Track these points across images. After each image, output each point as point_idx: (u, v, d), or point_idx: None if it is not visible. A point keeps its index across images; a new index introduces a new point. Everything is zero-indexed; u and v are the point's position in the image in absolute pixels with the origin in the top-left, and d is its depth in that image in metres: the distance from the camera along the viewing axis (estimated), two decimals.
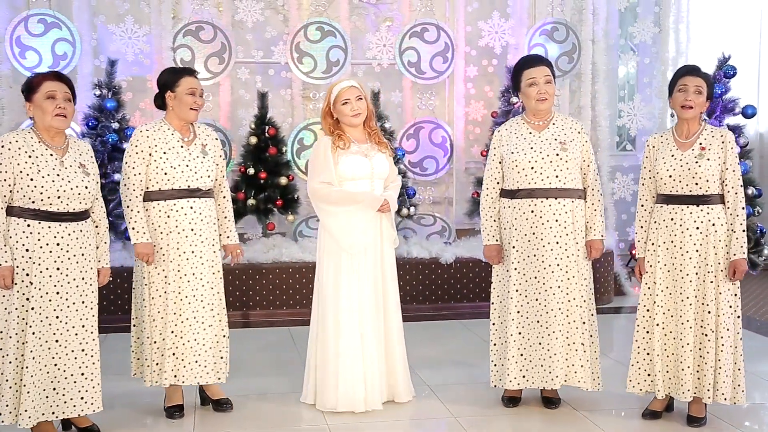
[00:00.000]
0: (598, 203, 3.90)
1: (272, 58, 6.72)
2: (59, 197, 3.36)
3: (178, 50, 6.40)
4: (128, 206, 3.76)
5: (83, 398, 3.48)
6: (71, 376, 3.45)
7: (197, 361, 3.81)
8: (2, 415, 3.31)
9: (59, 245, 3.38)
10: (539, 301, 3.82)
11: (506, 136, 3.92)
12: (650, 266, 3.74)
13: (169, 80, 3.82)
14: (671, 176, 3.64)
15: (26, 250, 3.34)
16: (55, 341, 3.40)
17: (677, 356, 3.67)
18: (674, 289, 3.68)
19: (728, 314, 3.63)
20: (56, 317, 3.39)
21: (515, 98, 5.99)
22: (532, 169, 3.80)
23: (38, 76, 3.47)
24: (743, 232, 3.62)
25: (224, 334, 3.93)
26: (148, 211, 3.78)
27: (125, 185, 3.77)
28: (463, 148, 7.20)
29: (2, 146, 3.34)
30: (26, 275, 3.34)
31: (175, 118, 3.84)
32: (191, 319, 3.80)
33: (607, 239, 6.39)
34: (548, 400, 3.96)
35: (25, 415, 3.32)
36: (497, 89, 7.02)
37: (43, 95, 3.39)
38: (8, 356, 3.31)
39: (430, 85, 7.00)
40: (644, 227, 3.80)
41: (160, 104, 3.89)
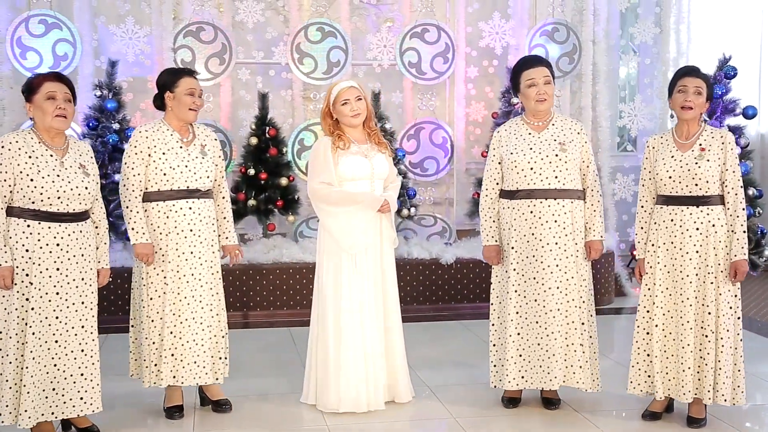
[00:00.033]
0: (597, 204, 3.90)
1: (273, 58, 6.72)
2: (59, 198, 3.36)
3: (178, 51, 6.41)
4: (127, 206, 3.76)
5: (82, 398, 3.48)
6: (71, 376, 3.45)
7: (195, 361, 3.81)
8: (2, 415, 3.31)
9: (59, 246, 3.38)
10: (538, 301, 3.82)
11: (505, 136, 3.92)
12: (650, 267, 3.74)
13: (167, 81, 3.82)
14: (671, 177, 3.64)
15: (26, 250, 3.34)
16: (54, 341, 3.40)
17: (677, 357, 3.67)
18: (674, 290, 3.68)
19: (728, 315, 3.63)
20: (56, 317, 3.40)
21: (516, 99, 5.98)
22: (531, 169, 3.80)
23: (38, 76, 3.47)
24: (744, 233, 3.62)
25: (223, 334, 3.93)
26: (147, 211, 3.78)
27: (124, 186, 3.77)
28: (463, 148, 7.20)
29: (2, 147, 3.34)
30: (26, 275, 3.35)
31: (174, 118, 3.84)
32: (190, 319, 3.80)
33: (607, 240, 6.42)
34: (548, 400, 3.95)
35: (25, 415, 3.32)
36: (498, 90, 7.02)
37: (43, 96, 3.39)
38: (8, 356, 3.32)
39: (430, 85, 7.00)
40: (644, 228, 3.79)
41: (159, 105, 3.89)
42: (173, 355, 3.78)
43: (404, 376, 4.03)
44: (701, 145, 3.65)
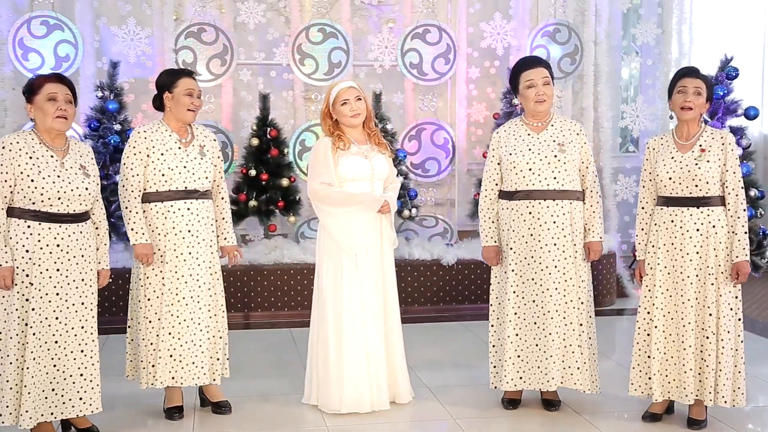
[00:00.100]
0: (596, 205, 3.89)
1: (274, 59, 6.72)
2: (59, 198, 3.37)
3: (180, 52, 6.41)
4: (127, 207, 3.76)
5: (82, 399, 3.49)
6: (70, 377, 3.45)
7: (194, 362, 3.81)
8: (2, 416, 3.32)
9: (59, 246, 3.39)
10: (536, 302, 3.82)
11: (505, 137, 3.92)
12: (650, 268, 3.73)
13: (166, 81, 3.83)
14: (671, 178, 3.64)
15: (26, 251, 3.35)
16: (54, 342, 3.41)
17: (678, 359, 3.66)
18: (675, 291, 3.67)
19: (729, 316, 3.62)
20: (56, 318, 3.40)
21: (517, 100, 5.98)
22: (530, 170, 3.80)
23: (39, 78, 3.48)
24: (745, 234, 3.61)
25: (221, 335, 3.93)
26: (145, 212, 3.78)
27: (123, 186, 3.77)
28: (465, 149, 7.20)
29: (3, 147, 3.35)
30: (26, 276, 3.35)
31: (172, 119, 3.84)
32: (188, 320, 3.79)
33: (609, 241, 6.41)
34: (548, 402, 3.95)
35: (26, 415, 3.32)
36: (499, 91, 7.01)
37: (44, 97, 3.40)
38: (9, 357, 3.32)
39: (432, 86, 7.00)
40: (645, 229, 3.79)
41: (158, 105, 3.89)
42: (171, 355, 3.78)
43: (404, 376, 4.03)
44: (701, 146, 3.64)
